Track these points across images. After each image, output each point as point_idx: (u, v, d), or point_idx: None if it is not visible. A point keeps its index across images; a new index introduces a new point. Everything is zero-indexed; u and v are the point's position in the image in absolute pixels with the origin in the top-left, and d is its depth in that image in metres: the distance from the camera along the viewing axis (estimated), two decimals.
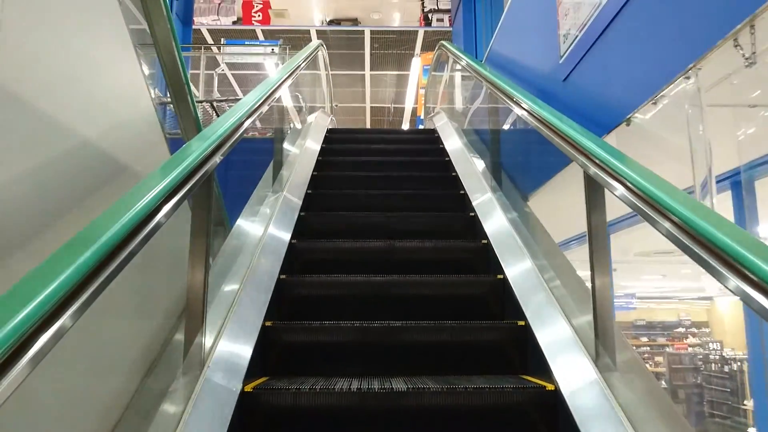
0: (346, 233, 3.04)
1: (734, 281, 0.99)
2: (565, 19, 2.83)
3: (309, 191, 3.42)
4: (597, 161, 1.64)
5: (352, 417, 1.76)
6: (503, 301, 2.40)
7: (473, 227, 3.05)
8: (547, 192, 3.19)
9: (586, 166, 1.72)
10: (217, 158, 1.77)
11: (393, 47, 12.23)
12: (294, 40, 11.88)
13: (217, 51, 7.88)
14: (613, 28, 2.24)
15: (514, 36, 3.98)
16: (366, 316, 2.22)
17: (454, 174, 3.83)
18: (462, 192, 3.46)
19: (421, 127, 10.28)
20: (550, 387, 1.75)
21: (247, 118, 2.26)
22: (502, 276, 2.41)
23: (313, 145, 4.37)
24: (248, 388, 1.71)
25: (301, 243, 2.78)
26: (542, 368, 1.84)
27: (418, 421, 1.78)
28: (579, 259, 2.11)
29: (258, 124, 6.34)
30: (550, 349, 1.86)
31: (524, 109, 2.42)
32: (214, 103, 6.01)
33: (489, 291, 2.46)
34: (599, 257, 1.72)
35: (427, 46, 12.00)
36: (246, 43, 7.74)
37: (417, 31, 11.50)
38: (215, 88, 7.06)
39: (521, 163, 3.40)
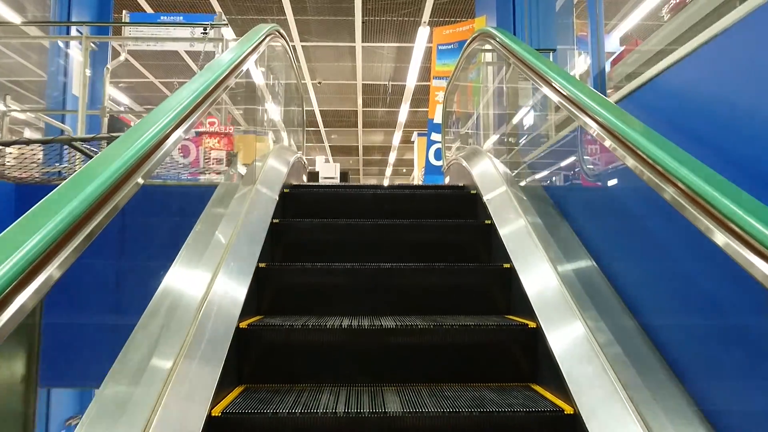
0: None
1: None
2: None
3: None
4: None
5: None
6: None
7: None
8: None
9: None
10: None
11: (392, 12, 9.30)
12: (261, 2, 8.96)
13: (118, 35, 4.97)
14: None
15: None
16: None
17: None
18: None
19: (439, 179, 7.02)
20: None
21: None
22: None
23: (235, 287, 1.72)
24: None
25: None
26: None
27: None
28: None
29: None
30: None
31: None
32: (80, 144, 3.26)
33: None
34: None
35: (438, 12, 9.07)
36: (162, 18, 4.90)
37: None
38: (105, 96, 4.25)
39: None
